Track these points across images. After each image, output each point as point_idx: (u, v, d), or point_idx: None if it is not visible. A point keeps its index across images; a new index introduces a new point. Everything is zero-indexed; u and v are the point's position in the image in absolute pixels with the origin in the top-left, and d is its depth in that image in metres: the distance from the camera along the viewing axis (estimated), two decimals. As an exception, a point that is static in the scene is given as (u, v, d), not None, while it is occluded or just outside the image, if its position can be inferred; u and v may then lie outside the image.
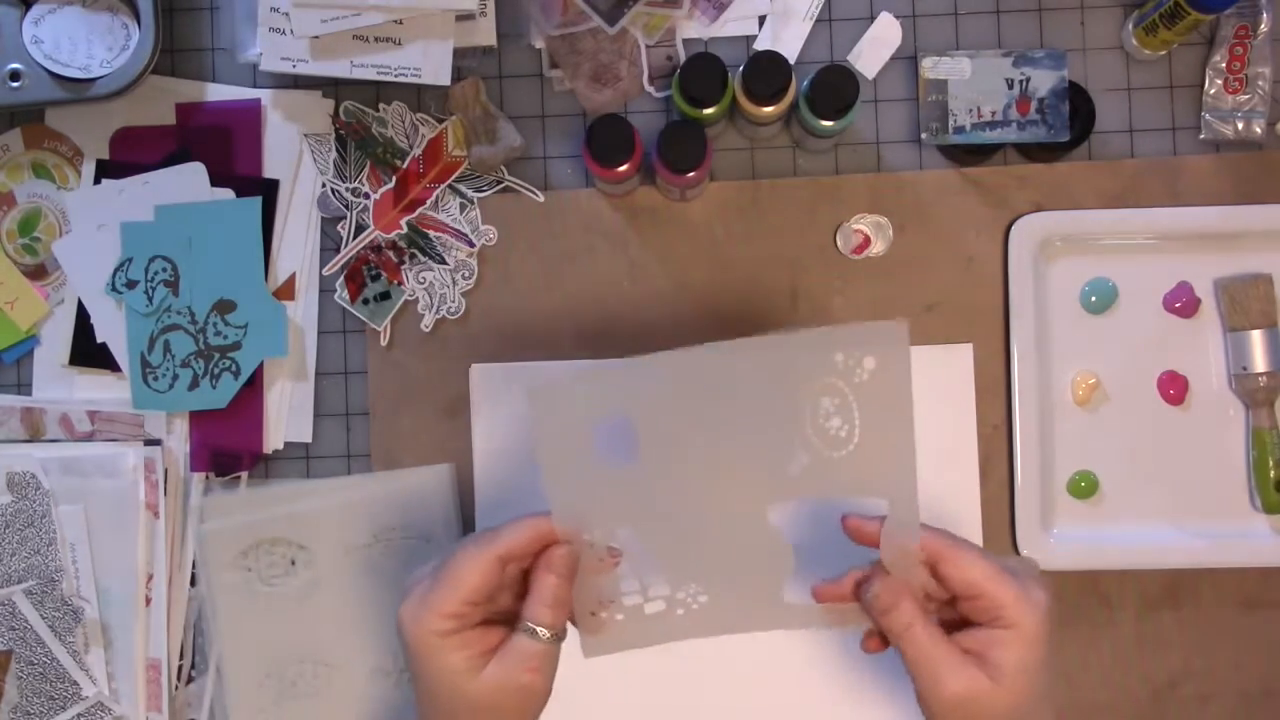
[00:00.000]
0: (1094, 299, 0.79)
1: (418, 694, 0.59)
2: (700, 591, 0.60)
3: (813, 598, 0.60)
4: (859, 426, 0.58)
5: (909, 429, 0.57)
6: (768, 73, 0.72)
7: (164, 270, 0.79)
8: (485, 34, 0.78)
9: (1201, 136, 0.80)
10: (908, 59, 0.81)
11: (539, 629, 0.57)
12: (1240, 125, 0.79)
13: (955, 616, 0.59)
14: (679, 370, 0.57)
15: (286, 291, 0.81)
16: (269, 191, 0.81)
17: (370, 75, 0.76)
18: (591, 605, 0.61)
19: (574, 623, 0.61)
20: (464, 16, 0.77)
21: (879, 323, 0.55)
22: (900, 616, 0.57)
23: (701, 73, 0.73)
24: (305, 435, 0.81)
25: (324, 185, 0.81)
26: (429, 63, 0.76)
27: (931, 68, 0.79)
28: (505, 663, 0.56)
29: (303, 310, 0.81)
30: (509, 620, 0.59)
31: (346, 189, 0.81)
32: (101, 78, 0.77)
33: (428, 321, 0.81)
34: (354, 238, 0.80)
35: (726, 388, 0.57)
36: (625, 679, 0.79)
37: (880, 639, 0.60)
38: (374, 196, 0.80)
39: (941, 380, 0.79)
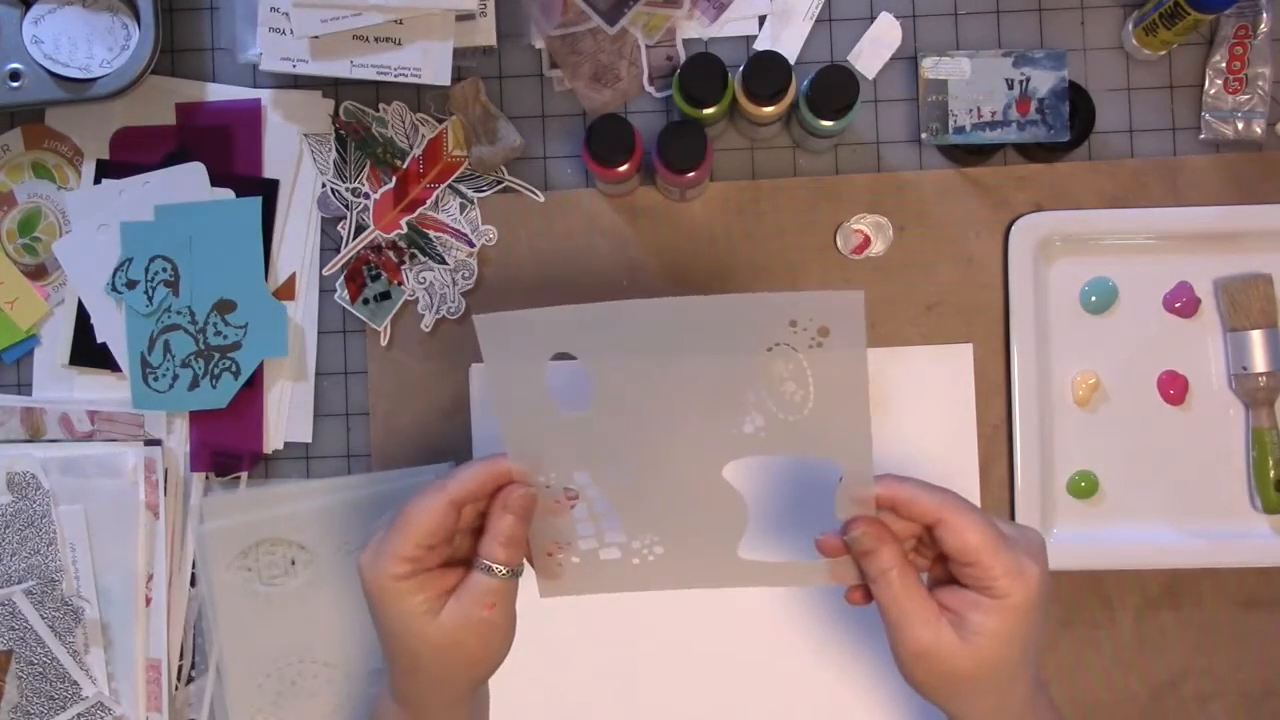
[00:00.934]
0: (1094, 299, 0.79)
1: (381, 640, 0.60)
2: (656, 543, 0.61)
3: (817, 550, 0.59)
4: (813, 393, 0.57)
5: (863, 398, 0.57)
6: (768, 73, 0.72)
7: (164, 270, 0.79)
8: (485, 34, 0.78)
9: (1201, 136, 0.80)
10: (908, 59, 0.81)
11: (494, 566, 0.58)
12: (1240, 125, 0.79)
13: (945, 574, 0.59)
14: (632, 319, 0.56)
15: (286, 291, 0.81)
16: (269, 191, 0.81)
17: (370, 75, 0.76)
18: (548, 546, 0.61)
19: (530, 563, 0.62)
20: (464, 16, 0.77)
21: (836, 292, 0.55)
22: (878, 560, 0.57)
23: (701, 73, 0.73)
24: (305, 435, 0.81)
25: (324, 185, 0.81)
26: (429, 63, 0.76)
27: (931, 68, 0.79)
28: (462, 601, 0.57)
29: (303, 310, 0.81)
30: (468, 563, 0.59)
31: (346, 189, 0.81)
32: (101, 78, 0.77)
33: (428, 321, 0.81)
34: (354, 238, 0.80)
35: (679, 343, 0.57)
36: (596, 651, 0.80)
37: (864, 592, 0.60)
38: (374, 196, 0.80)
39: (941, 380, 0.79)
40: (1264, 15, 0.79)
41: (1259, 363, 0.77)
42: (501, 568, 0.58)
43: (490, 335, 0.57)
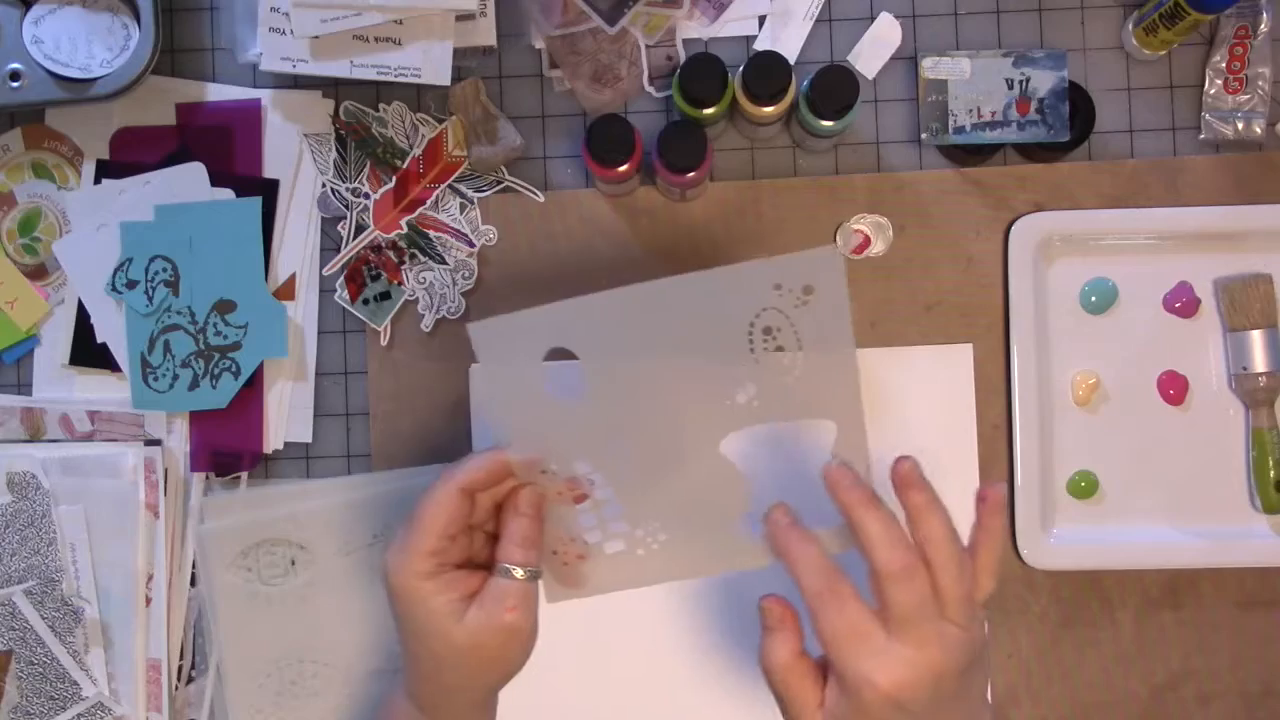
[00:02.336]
0: (1094, 299, 0.79)
1: (403, 642, 0.61)
2: (659, 529, 0.61)
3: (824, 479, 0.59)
4: (802, 352, 0.58)
5: (850, 351, 0.58)
6: (768, 73, 0.72)
7: (164, 270, 0.79)
8: (485, 34, 0.78)
9: (1201, 136, 0.80)
10: (908, 59, 0.81)
11: (513, 568, 0.58)
12: (1240, 125, 0.79)
13: None
14: (619, 306, 0.57)
15: (286, 291, 0.81)
16: (269, 191, 0.81)
17: (370, 75, 0.76)
18: (553, 543, 0.62)
19: None
20: (464, 16, 0.77)
21: (812, 250, 0.56)
22: (768, 646, 0.57)
23: (701, 73, 0.73)
24: (305, 435, 0.81)
25: (324, 185, 0.81)
26: (429, 63, 0.76)
27: (931, 68, 0.79)
28: (485, 605, 0.58)
29: (303, 310, 0.81)
30: (488, 567, 0.60)
31: (346, 189, 0.81)
32: (101, 78, 0.77)
33: (428, 321, 0.81)
34: (354, 238, 0.80)
35: (667, 322, 0.58)
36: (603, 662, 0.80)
37: None
38: (374, 196, 0.80)
39: (941, 380, 0.79)
40: (1264, 15, 0.79)
41: (1259, 363, 0.77)
42: (520, 569, 0.58)
43: (484, 341, 0.57)
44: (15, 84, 0.77)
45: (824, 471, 0.57)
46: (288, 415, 0.81)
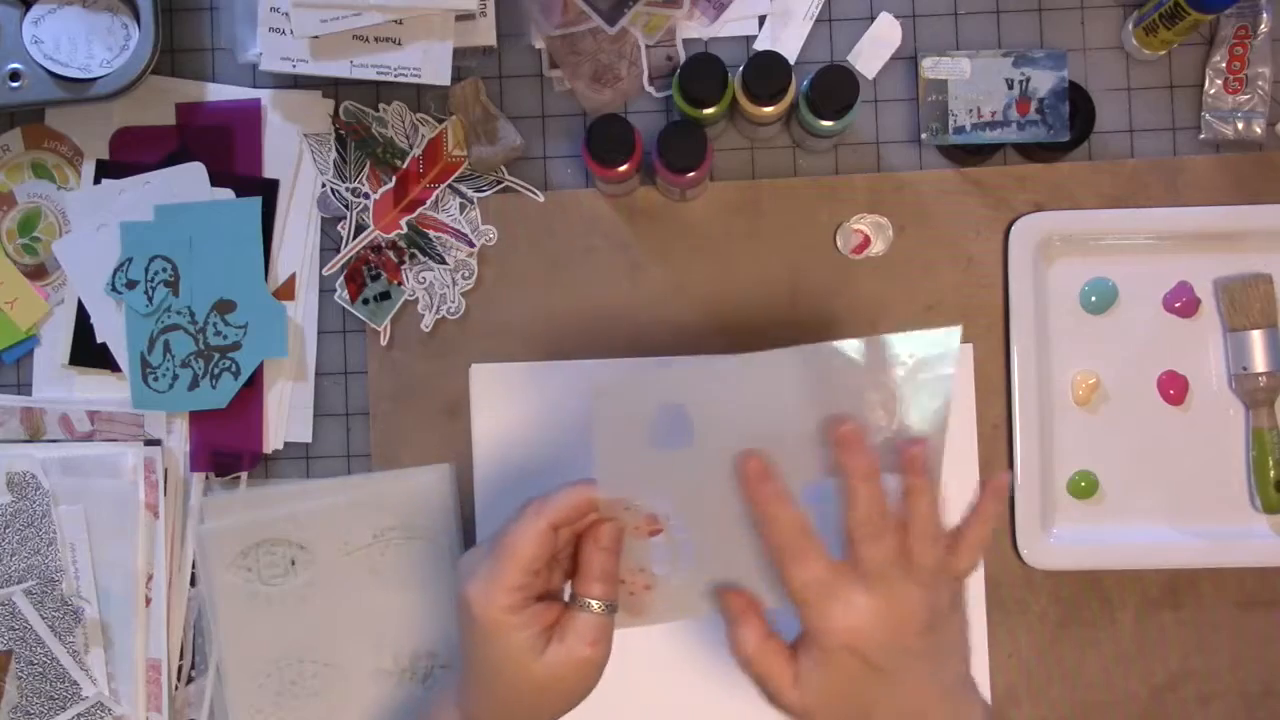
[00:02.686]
0: (1094, 299, 0.79)
1: (474, 676, 0.60)
2: (725, 571, 0.61)
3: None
4: (898, 418, 0.59)
5: (940, 439, 0.58)
6: (768, 73, 0.72)
7: (164, 270, 0.79)
8: (485, 34, 0.78)
9: (1201, 136, 0.80)
10: (908, 59, 0.81)
11: (593, 602, 0.58)
12: (1240, 125, 0.79)
13: None
14: (735, 374, 0.57)
15: (286, 291, 0.81)
16: (269, 191, 0.81)
17: (370, 75, 0.76)
18: (622, 574, 0.61)
19: None
20: (464, 16, 0.77)
21: (938, 330, 0.57)
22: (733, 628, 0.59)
23: (701, 73, 0.73)
24: (305, 435, 0.81)
25: (324, 185, 0.81)
26: (429, 63, 0.76)
27: (931, 68, 0.79)
28: (566, 640, 0.58)
29: (303, 310, 0.81)
30: (559, 598, 0.60)
31: (346, 189, 0.81)
32: (101, 78, 0.77)
33: (428, 321, 0.81)
34: (354, 238, 0.80)
35: (781, 394, 0.58)
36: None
37: None
38: (374, 196, 0.80)
39: (942, 380, 0.79)
40: (1264, 15, 0.79)
41: (1259, 363, 0.77)
42: (599, 603, 0.58)
43: (606, 406, 0.57)
44: (15, 84, 0.77)
45: (838, 429, 0.57)
46: (288, 415, 0.81)
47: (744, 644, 0.58)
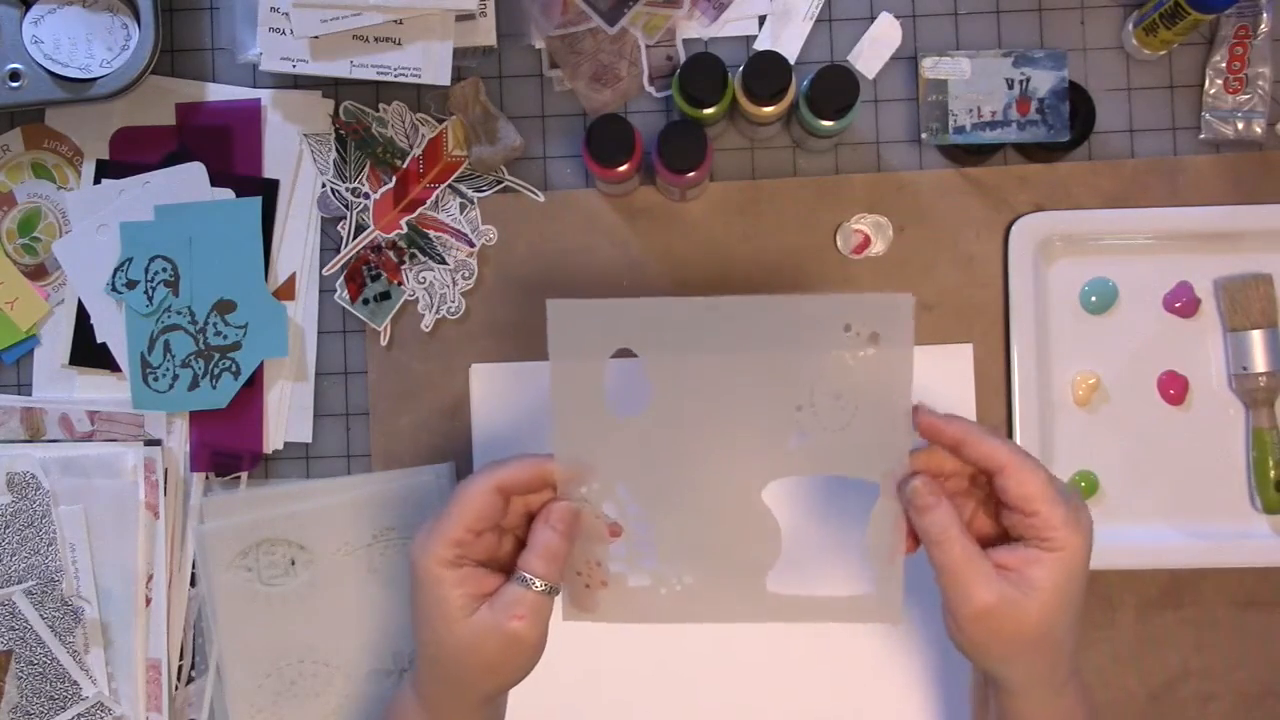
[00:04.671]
0: (1094, 299, 0.79)
1: (414, 628, 0.61)
2: (686, 571, 0.61)
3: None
4: (859, 408, 0.59)
5: (903, 412, 0.58)
6: (768, 73, 0.72)
7: (164, 270, 0.79)
8: (485, 34, 0.78)
9: (1201, 136, 0.80)
10: (908, 59, 0.81)
11: (531, 579, 0.58)
12: (1240, 125, 0.79)
13: (992, 530, 0.60)
14: (693, 316, 0.57)
15: (286, 291, 0.81)
16: (269, 191, 0.81)
17: (370, 75, 0.76)
18: (578, 564, 0.61)
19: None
20: (464, 16, 0.77)
21: (888, 294, 0.57)
22: (938, 519, 0.57)
23: (701, 73, 0.73)
24: (305, 435, 0.81)
25: (324, 185, 0.81)
26: (429, 63, 0.76)
27: (931, 68, 0.79)
28: (495, 607, 0.58)
29: (303, 310, 0.81)
30: (508, 573, 0.60)
31: (346, 189, 0.81)
32: (101, 78, 0.77)
33: (428, 321, 0.81)
34: (354, 238, 0.80)
35: (737, 345, 0.58)
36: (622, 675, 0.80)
37: (913, 538, 0.60)
38: (374, 196, 0.80)
39: (941, 380, 0.79)
40: (1264, 15, 0.79)
41: (1259, 363, 0.77)
42: (538, 581, 0.58)
43: (560, 321, 0.56)
44: (15, 84, 0.77)
45: (907, 488, 0.58)
46: (288, 415, 0.81)
47: (947, 527, 0.57)
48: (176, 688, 0.80)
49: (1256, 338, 0.77)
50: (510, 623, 0.58)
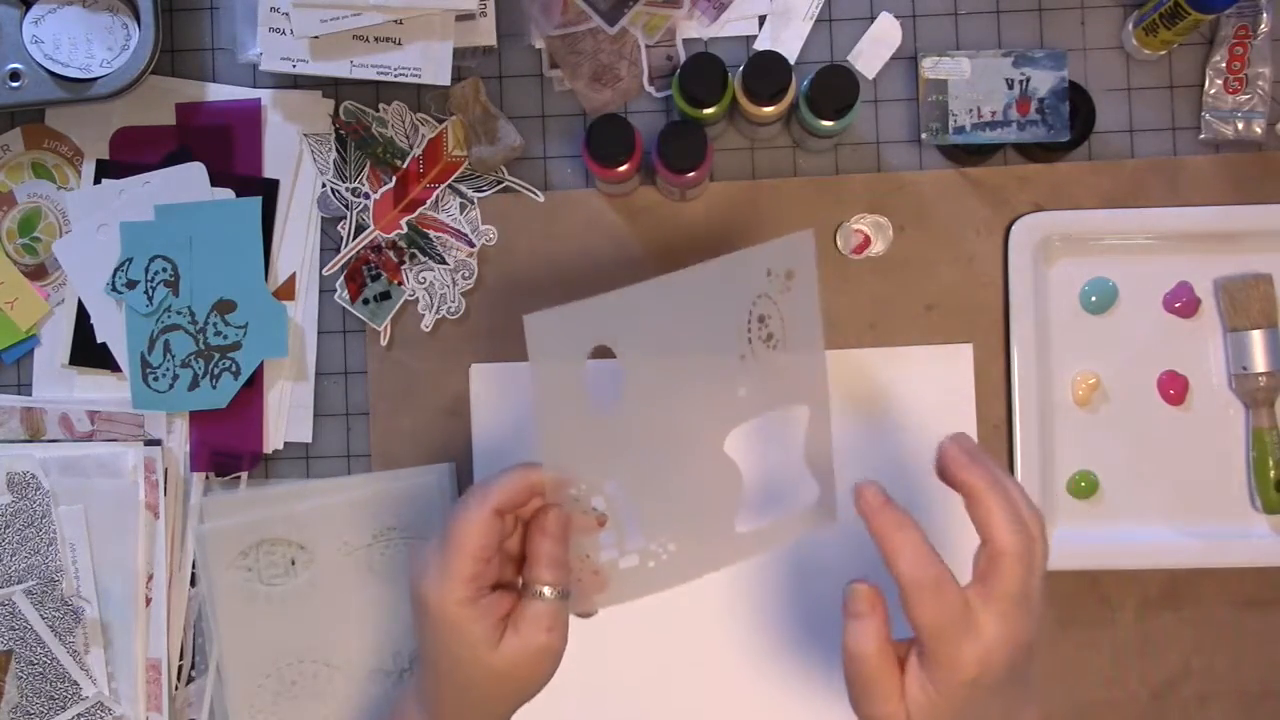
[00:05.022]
0: (1094, 299, 0.79)
1: (433, 671, 0.60)
2: (669, 539, 0.62)
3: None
4: (787, 338, 0.62)
5: (818, 335, 0.63)
6: (768, 73, 0.72)
7: (164, 270, 0.79)
8: (485, 34, 0.78)
9: (1201, 136, 0.80)
10: (908, 59, 0.81)
11: (544, 589, 0.58)
12: (1240, 125, 0.79)
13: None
14: (653, 296, 0.58)
15: (286, 291, 0.81)
16: (269, 191, 0.81)
17: (370, 75, 0.76)
18: (572, 564, 0.61)
19: None
20: (464, 16, 0.77)
21: (792, 235, 0.62)
22: (859, 628, 0.57)
23: (701, 73, 0.73)
24: (305, 435, 0.81)
25: (324, 185, 0.81)
26: (429, 63, 0.76)
27: (931, 68, 0.79)
28: (521, 629, 0.58)
29: (303, 310, 0.81)
30: (513, 587, 0.60)
31: (346, 189, 0.81)
32: (101, 78, 0.77)
33: (428, 321, 0.81)
34: (354, 238, 0.80)
35: (687, 312, 0.60)
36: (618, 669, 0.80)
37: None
38: (374, 196, 0.80)
39: (941, 380, 0.79)
40: (1264, 15, 0.79)
41: (1259, 363, 0.77)
42: (552, 590, 0.58)
43: (538, 335, 0.57)
44: (15, 84, 0.77)
45: (940, 449, 0.58)
46: (288, 415, 0.81)
47: (865, 643, 0.56)
48: (176, 688, 0.80)
49: (1256, 338, 0.77)
50: (541, 638, 0.57)
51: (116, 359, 0.80)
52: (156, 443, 0.80)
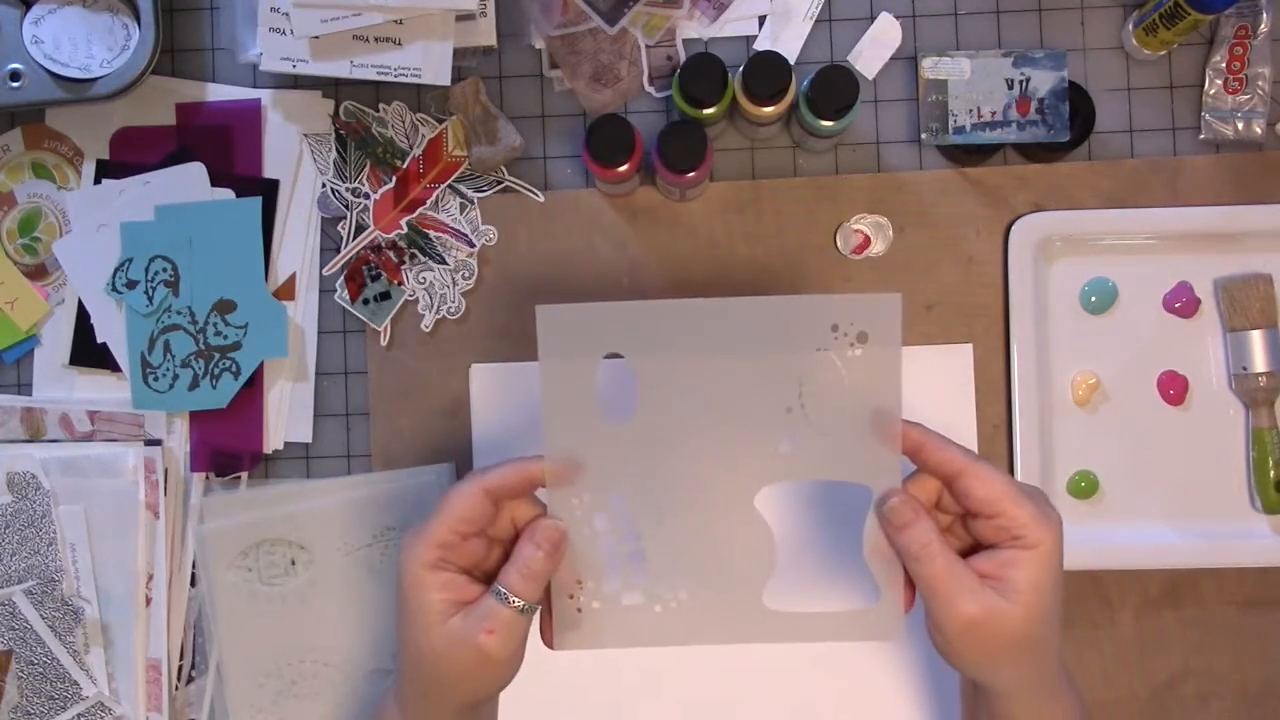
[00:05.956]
0: (1094, 299, 0.79)
1: (397, 632, 0.61)
2: (681, 586, 0.59)
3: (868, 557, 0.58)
4: (848, 407, 0.57)
5: (895, 418, 0.57)
6: (768, 73, 0.72)
7: (164, 270, 0.79)
8: (485, 34, 0.78)
9: (1201, 136, 0.80)
10: (908, 59, 0.81)
11: (509, 594, 0.57)
12: (1240, 125, 0.79)
13: (965, 543, 0.59)
14: (681, 319, 0.57)
15: (286, 291, 0.81)
16: (269, 191, 0.81)
17: (370, 75, 0.76)
18: (569, 586, 0.60)
19: (549, 613, 0.61)
20: (464, 16, 0.77)
21: (876, 295, 0.56)
22: (917, 535, 0.56)
23: (701, 73, 0.73)
24: (305, 435, 0.81)
25: (324, 185, 0.81)
26: (429, 63, 0.76)
27: (931, 68, 0.79)
28: (468, 618, 0.57)
29: (303, 310, 0.81)
30: (489, 584, 0.59)
31: (346, 189, 0.81)
32: (101, 78, 0.77)
33: (428, 321, 0.81)
34: (354, 238, 0.80)
35: (725, 347, 0.57)
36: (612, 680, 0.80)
37: (910, 590, 0.59)
38: (374, 196, 0.80)
39: (941, 380, 0.79)
40: (1264, 15, 0.79)
41: (1259, 363, 0.77)
42: (515, 598, 0.57)
43: (550, 327, 0.56)
44: (15, 84, 0.77)
45: (884, 508, 0.57)
46: (288, 415, 0.81)
47: (927, 544, 0.56)
48: (176, 688, 0.80)
49: (1256, 338, 0.77)
50: (480, 636, 0.56)
51: (116, 359, 0.80)
52: (157, 443, 0.80)
